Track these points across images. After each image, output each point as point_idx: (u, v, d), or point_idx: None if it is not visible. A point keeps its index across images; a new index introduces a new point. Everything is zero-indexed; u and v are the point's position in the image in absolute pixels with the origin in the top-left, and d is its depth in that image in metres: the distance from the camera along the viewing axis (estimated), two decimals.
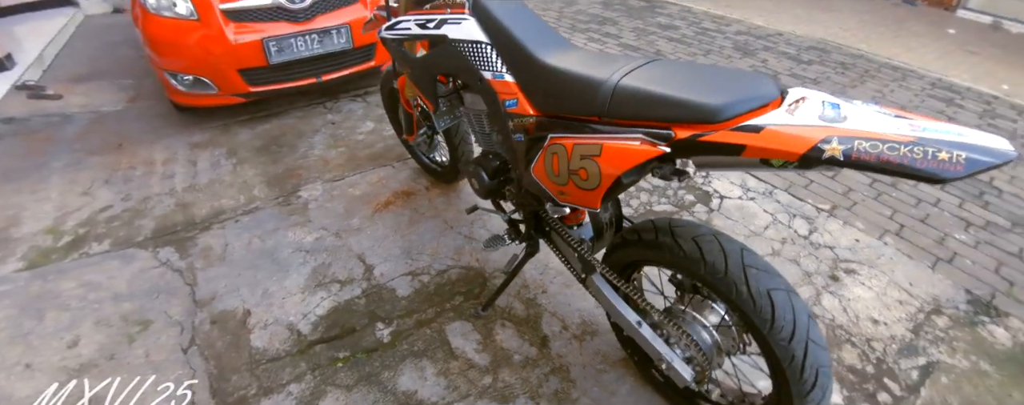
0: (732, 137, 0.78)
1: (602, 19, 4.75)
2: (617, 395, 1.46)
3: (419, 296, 1.75)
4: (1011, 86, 3.50)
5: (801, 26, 4.69)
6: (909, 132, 0.67)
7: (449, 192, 2.27)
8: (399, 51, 1.45)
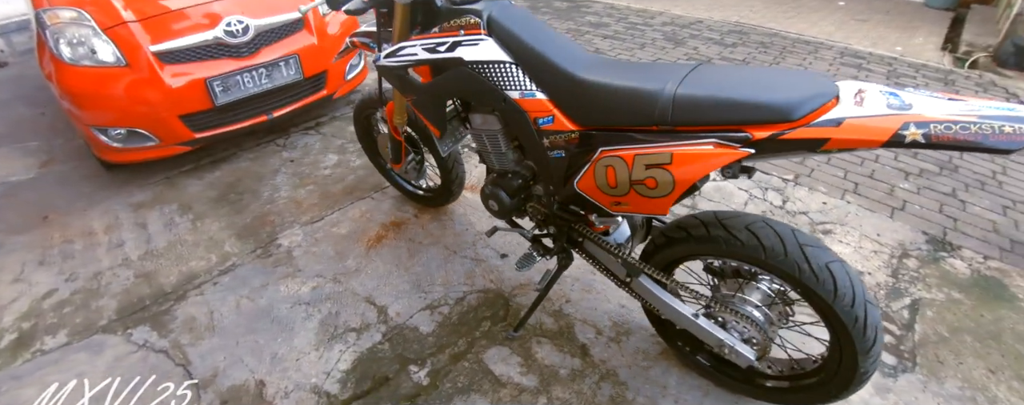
0: (814, 132, 0.83)
1: (601, 48, 4.84)
2: (668, 388, 1.49)
3: (444, 329, 1.67)
4: (903, 47, 4.03)
5: (715, 12, 5.07)
6: (970, 112, 0.74)
7: (440, 216, 2.19)
8: (401, 78, 1.38)
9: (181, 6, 2.20)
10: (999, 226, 2.12)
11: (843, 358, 1.11)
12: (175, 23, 2.15)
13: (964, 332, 1.66)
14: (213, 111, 2.29)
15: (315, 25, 2.53)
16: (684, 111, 0.95)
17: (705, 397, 1.46)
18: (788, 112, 0.85)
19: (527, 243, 1.98)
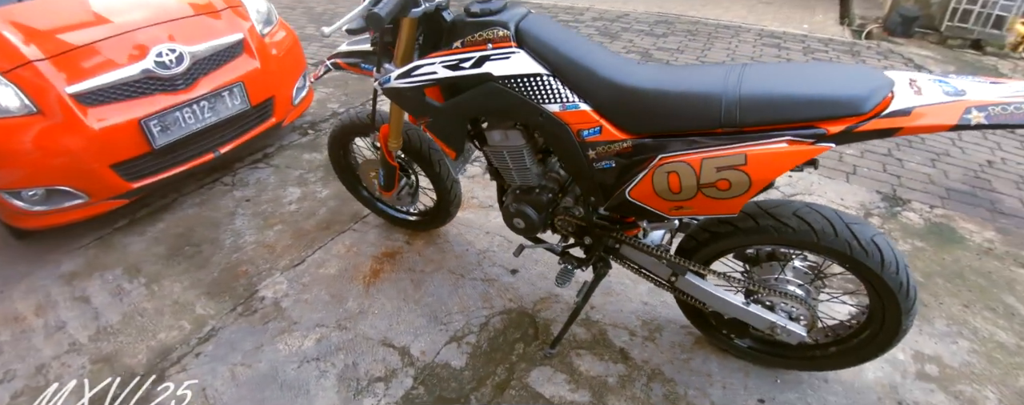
0: (887, 123, 0.86)
1: None
2: (712, 375, 1.51)
3: (478, 360, 1.58)
4: (809, 24, 4.48)
5: (637, 5, 5.31)
6: (1016, 93, 0.81)
7: (434, 240, 2.07)
8: (415, 100, 1.26)
9: (98, 38, 1.86)
10: (933, 177, 2.42)
11: (887, 319, 1.19)
12: (94, 58, 1.82)
13: (935, 276, 1.86)
14: (151, 155, 1.98)
15: (256, 47, 2.27)
16: (752, 111, 0.95)
17: (747, 377, 1.51)
18: (858, 105, 0.89)
19: (538, 255, 1.94)
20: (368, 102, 3.29)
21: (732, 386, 1.49)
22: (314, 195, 2.38)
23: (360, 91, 3.48)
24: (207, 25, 2.14)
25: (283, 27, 2.55)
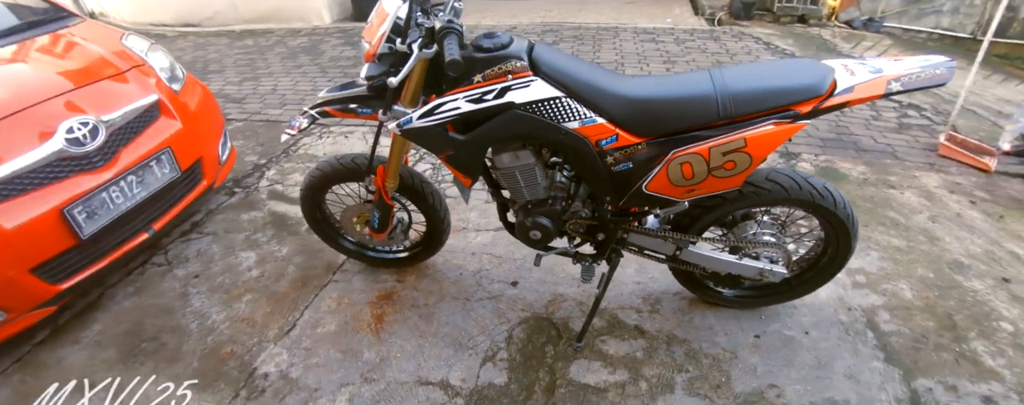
0: (839, 99, 1.14)
1: None
2: (714, 327, 1.76)
3: (517, 372, 1.64)
4: (671, 19, 5.19)
5: (521, 17, 5.67)
6: (915, 65, 1.14)
7: (426, 273, 2.06)
8: (437, 136, 1.29)
9: None
10: (809, 132, 3.00)
11: (840, 244, 1.52)
12: None
13: None
14: (78, 248, 1.69)
15: (174, 106, 2.05)
16: (742, 105, 1.18)
17: (739, 321, 1.78)
18: (818, 89, 1.16)
19: (526, 263, 2.04)
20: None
21: (731, 331, 1.74)
22: (273, 255, 2.21)
23: (274, 138, 3.25)
24: (116, 90, 1.88)
25: (193, 81, 2.32)
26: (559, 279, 1.99)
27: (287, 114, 3.60)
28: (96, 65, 1.93)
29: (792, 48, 4.31)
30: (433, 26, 1.17)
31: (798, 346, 1.68)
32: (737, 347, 1.69)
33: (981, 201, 2.28)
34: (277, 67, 4.50)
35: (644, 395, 1.54)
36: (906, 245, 2.07)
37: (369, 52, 1.24)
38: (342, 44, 5.06)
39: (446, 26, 1.14)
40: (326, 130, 3.34)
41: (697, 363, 1.64)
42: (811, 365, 1.61)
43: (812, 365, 1.62)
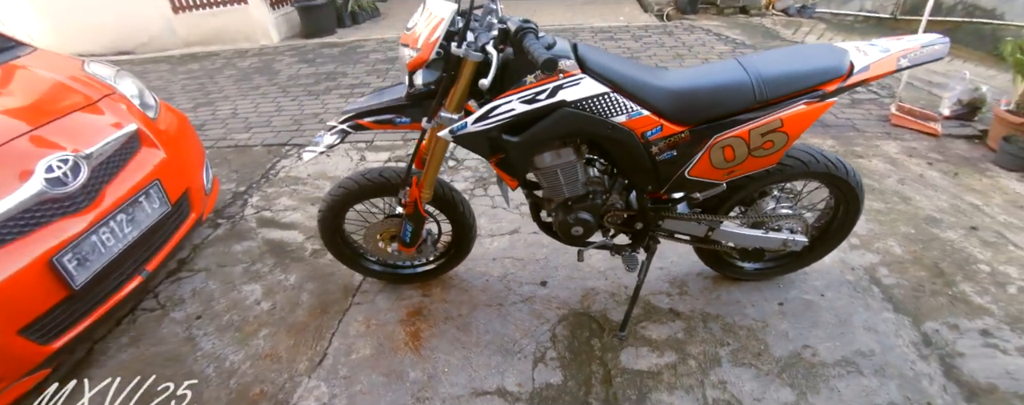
0: (859, 77, 1.26)
1: (330, 74, 4.50)
2: (741, 301, 1.86)
3: (570, 369, 1.64)
4: (624, 17, 5.40)
5: (546, 19, 5.68)
6: (916, 43, 1.28)
7: (451, 284, 2.02)
8: (491, 140, 1.27)
9: None
10: None
11: (850, 208, 1.66)
12: None
13: None
14: (70, 299, 1.50)
15: (153, 133, 1.88)
16: (774, 88, 1.27)
17: (762, 292, 1.89)
18: (839, 70, 1.27)
19: (551, 261, 2.05)
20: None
21: (756, 302, 1.85)
22: (282, 284, 2.07)
23: (248, 164, 3.06)
24: (91, 121, 1.70)
25: (167, 107, 2.13)
26: (586, 274, 2.02)
27: (256, 137, 3.39)
28: (64, 96, 1.74)
29: (740, 37, 4.64)
30: (507, 27, 1.15)
31: (818, 308, 1.81)
32: (766, 316, 1.79)
33: (936, 162, 2.58)
34: (232, 90, 4.23)
35: (696, 372, 1.60)
36: (885, 207, 2.29)
37: (419, 58, 1.21)
38: (297, 62, 4.84)
39: (522, 26, 1.13)
40: (305, 150, 3.18)
41: (735, 335, 1.72)
42: (834, 323, 1.75)
43: (834, 323, 1.75)
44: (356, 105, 1.41)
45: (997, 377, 1.53)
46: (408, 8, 7.02)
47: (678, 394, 1.54)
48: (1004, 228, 2.14)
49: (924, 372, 1.56)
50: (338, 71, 4.58)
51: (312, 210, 2.55)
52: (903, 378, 1.55)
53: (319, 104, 3.89)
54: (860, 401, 1.49)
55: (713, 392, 1.54)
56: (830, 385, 1.55)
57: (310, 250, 2.27)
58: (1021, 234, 2.11)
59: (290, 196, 2.70)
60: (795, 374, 1.58)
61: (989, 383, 1.52)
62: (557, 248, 2.15)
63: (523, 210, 2.42)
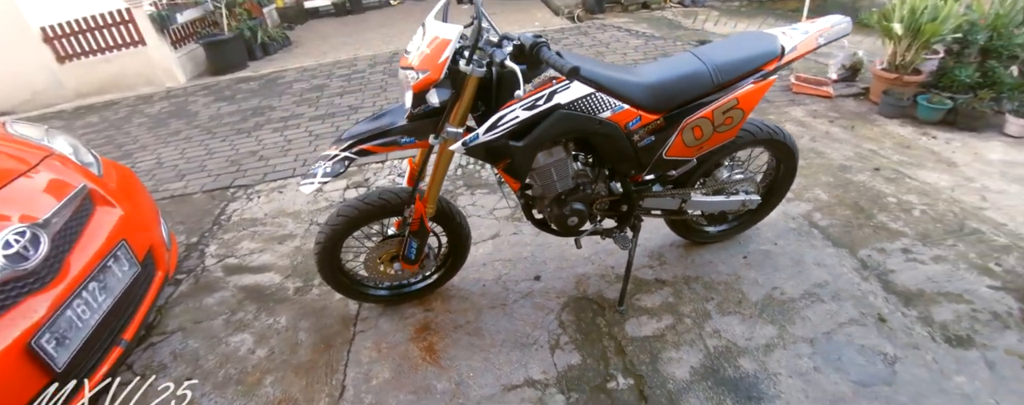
0: (790, 57, 1.52)
1: (256, 109, 4.29)
2: (713, 261, 2.09)
3: (585, 349, 1.76)
4: (539, 22, 5.67)
5: (381, 48, 5.69)
6: (827, 23, 1.55)
7: (449, 296, 2.06)
8: (500, 147, 1.35)
9: None
10: None
11: (788, 167, 1.95)
12: None
13: None
14: (55, 382, 1.36)
15: (105, 190, 1.74)
16: (726, 73, 1.49)
17: (727, 251, 2.14)
18: (775, 52, 1.52)
19: (536, 256, 2.17)
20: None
21: (725, 259, 2.09)
22: (273, 328, 1.99)
23: (193, 213, 2.87)
24: (36, 186, 1.54)
25: (109, 162, 1.97)
26: (573, 263, 2.16)
27: (193, 184, 3.17)
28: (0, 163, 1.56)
29: (649, 31, 5.07)
30: (522, 43, 1.23)
31: (775, 255, 2.09)
32: (736, 269, 2.03)
33: (835, 119, 3.04)
34: (148, 139, 3.89)
35: (693, 328, 1.79)
36: (805, 163, 2.67)
37: (429, 78, 1.26)
38: (215, 101, 4.56)
39: (536, 41, 1.21)
40: (252, 190, 3.03)
41: (715, 291, 1.94)
42: (790, 265, 2.02)
43: (791, 265, 2.03)
44: (354, 132, 1.43)
45: (922, 283, 1.87)
46: (320, 34, 6.98)
47: (684, 349, 1.71)
48: (898, 165, 2.59)
49: (868, 290, 1.87)
50: (264, 105, 4.38)
51: (281, 249, 2.46)
52: (854, 298, 1.84)
53: (254, 141, 3.71)
54: (828, 323, 1.76)
55: (712, 341, 1.73)
56: (801, 315, 1.80)
57: (293, 288, 2.20)
58: (912, 168, 2.56)
59: (252, 239, 2.57)
60: (772, 312, 1.82)
61: (918, 289, 1.86)
62: (540, 244, 2.27)
63: (499, 215, 2.51)
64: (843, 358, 1.64)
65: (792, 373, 1.61)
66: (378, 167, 3.16)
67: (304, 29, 6.99)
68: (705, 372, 1.63)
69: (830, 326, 1.75)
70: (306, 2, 7.35)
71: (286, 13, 6.92)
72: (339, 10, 7.32)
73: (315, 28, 6.96)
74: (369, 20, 7.09)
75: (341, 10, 7.31)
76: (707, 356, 1.68)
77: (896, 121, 3.03)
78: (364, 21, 7.08)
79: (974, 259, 1.97)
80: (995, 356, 1.60)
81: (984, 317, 1.73)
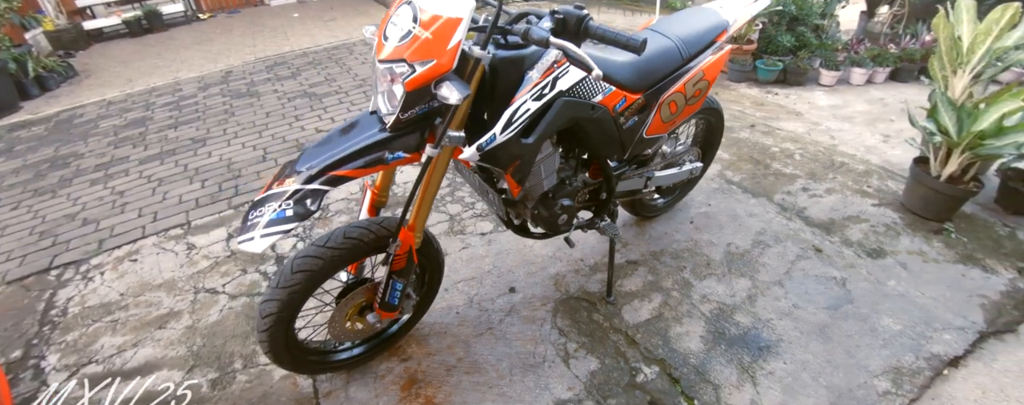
0: (737, 27, 1.60)
1: (56, 161, 3.16)
2: (667, 233, 2.18)
3: (595, 349, 1.67)
4: None
5: (229, 59, 4.81)
6: None
7: (422, 336, 1.77)
8: (515, 145, 1.14)
9: None
10: None
11: (718, 129, 2.10)
12: None
13: None
14: None
15: None
16: (690, 47, 1.50)
17: (672, 222, 2.25)
18: (724, 24, 1.58)
19: (499, 265, 2.02)
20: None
21: (677, 229, 2.20)
22: None
23: (2, 316, 1.99)
24: None
25: None
26: (540, 264, 2.03)
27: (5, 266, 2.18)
28: None
29: None
30: (564, 16, 1.01)
31: (714, 215, 2.26)
32: (689, 235, 2.14)
33: None
34: None
35: (683, 300, 1.82)
36: None
37: (438, 68, 0.97)
38: None
39: (580, 13, 1.01)
40: (88, 266, 2.21)
41: (683, 259, 2.02)
42: (730, 220, 2.21)
43: (730, 220, 2.21)
44: (317, 156, 1.06)
45: (829, 213, 2.21)
46: (117, 59, 5.64)
47: (685, 321, 1.73)
48: (764, 120, 3.04)
49: (796, 228, 2.14)
50: (65, 154, 3.28)
51: (165, 335, 1.83)
52: (790, 237, 2.08)
53: (67, 202, 2.73)
54: (783, 264, 1.95)
55: (705, 306, 1.79)
56: (760, 262, 1.97)
57: (207, 384, 1.64)
58: (775, 121, 3.03)
59: (114, 331, 1.87)
60: (738, 266, 1.96)
61: (829, 218, 2.18)
62: (497, 253, 2.09)
63: (438, 230, 2.25)
64: (809, 290, 1.83)
65: (780, 315, 1.74)
66: None
67: (90, 55, 5.46)
68: (714, 337, 1.67)
69: (786, 266, 1.94)
70: (86, 23, 5.73)
71: (60, 38, 5.27)
72: (134, 29, 5.86)
73: (106, 53, 5.50)
74: (178, 38, 5.86)
75: (136, 29, 5.87)
76: (708, 322, 1.73)
77: (744, 84, 3.57)
78: (172, 39, 5.83)
79: (852, 186, 2.40)
80: (903, 259, 1.95)
81: (880, 230, 2.11)
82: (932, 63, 1.99)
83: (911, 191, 2.18)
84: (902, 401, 1.46)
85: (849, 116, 3.07)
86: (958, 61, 1.88)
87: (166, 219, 2.53)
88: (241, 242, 1.03)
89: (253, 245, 1.01)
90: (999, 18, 1.74)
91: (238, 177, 2.86)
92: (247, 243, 1.02)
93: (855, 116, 3.07)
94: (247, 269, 2.14)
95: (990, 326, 1.68)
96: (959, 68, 1.89)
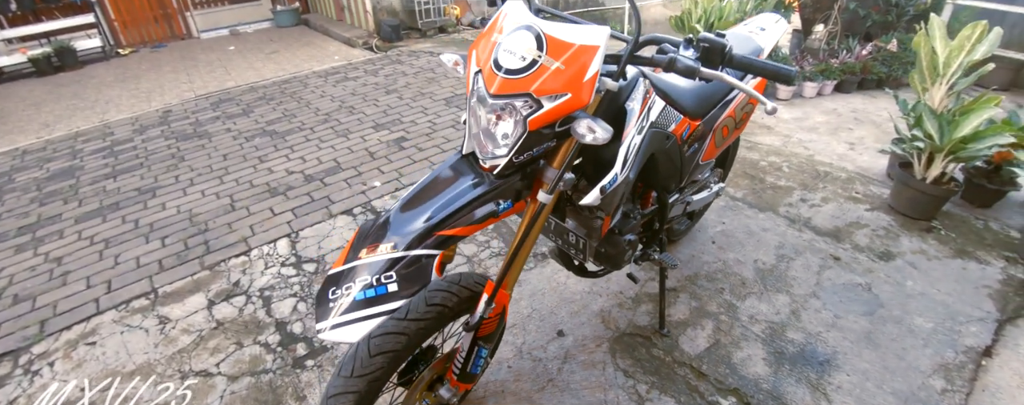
0: (768, 50, 1.63)
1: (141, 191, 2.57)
2: (694, 256, 2.19)
3: (668, 387, 1.61)
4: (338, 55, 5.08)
5: (165, 97, 4.31)
6: (768, 20, 1.74)
7: (479, 395, 1.61)
8: (625, 183, 1.05)
9: None
10: None
11: (733, 149, 2.16)
12: None
13: None
14: None
15: None
16: (735, 73, 1.50)
17: (694, 244, 2.26)
18: (759, 50, 1.62)
19: (544, 308, 1.96)
20: None
21: (701, 250, 2.21)
22: None
23: None
24: None
25: None
26: (582, 303, 1.95)
27: None
28: None
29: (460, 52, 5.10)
30: (710, 45, 0.90)
31: (732, 233, 2.31)
32: (715, 255, 2.16)
33: None
34: None
35: (733, 323, 1.82)
36: None
37: (567, 105, 0.86)
38: None
39: (721, 41, 0.91)
40: (31, 356, 1.79)
41: (718, 281, 2.02)
42: (748, 237, 2.27)
43: (748, 237, 2.27)
44: (422, 218, 0.90)
45: (832, 221, 2.34)
46: (26, 101, 5.05)
47: (743, 345, 1.72)
48: (743, 135, 3.20)
49: (808, 238, 2.23)
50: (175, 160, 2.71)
51: None
52: (807, 248, 2.17)
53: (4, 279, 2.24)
54: (809, 275, 2.02)
55: (756, 327, 1.79)
56: (790, 276, 2.02)
57: None
58: (752, 136, 3.19)
59: None
60: (771, 282, 1.99)
61: (834, 226, 2.30)
62: (533, 295, 1.99)
63: None
64: (842, 299, 1.89)
65: (827, 327, 1.78)
66: (244, 261, 2.28)
67: None
68: (775, 358, 1.67)
69: (814, 277, 2.01)
70: None
71: None
72: (42, 68, 5.07)
73: (12, 94, 4.73)
74: (98, 76, 5.17)
75: (45, 68, 5.08)
76: (764, 343, 1.72)
77: None
78: (90, 78, 5.13)
79: (842, 193, 2.56)
80: (911, 259, 2.09)
81: (881, 233, 2.26)
82: (912, 77, 2.20)
83: (898, 194, 2.36)
84: (960, 397, 1.53)
85: (813, 127, 3.32)
86: (935, 74, 2.09)
87: (124, 288, 2.14)
88: (327, 331, 0.84)
89: (345, 333, 0.83)
90: (970, 34, 1.95)
91: (205, 231, 2.51)
92: (337, 331, 0.84)
93: (818, 127, 3.33)
94: (243, 342, 1.84)
95: (1004, 314, 1.82)
96: (936, 81, 2.09)
